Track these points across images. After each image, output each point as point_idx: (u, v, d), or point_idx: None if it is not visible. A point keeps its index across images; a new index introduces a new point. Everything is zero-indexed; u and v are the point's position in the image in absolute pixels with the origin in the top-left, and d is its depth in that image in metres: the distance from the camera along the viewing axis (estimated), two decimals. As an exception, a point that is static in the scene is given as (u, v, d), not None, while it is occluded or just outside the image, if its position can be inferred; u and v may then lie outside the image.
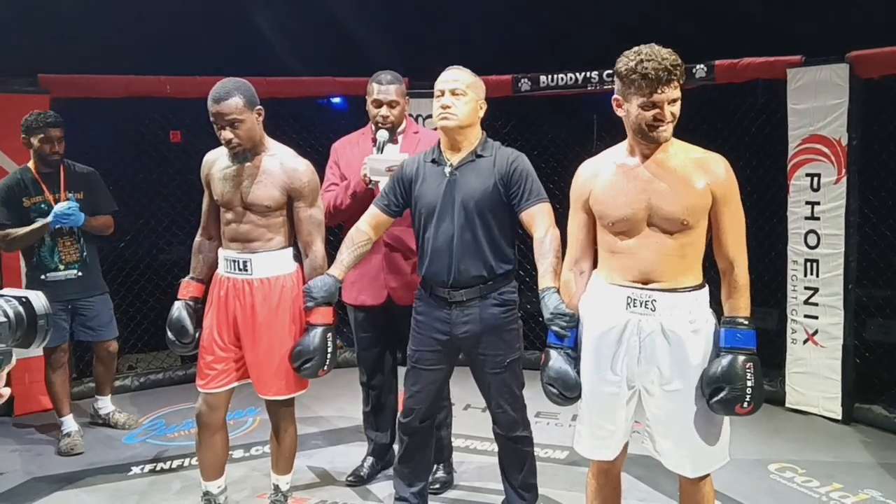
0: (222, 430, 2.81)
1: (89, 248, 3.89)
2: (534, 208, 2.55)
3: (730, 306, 2.18)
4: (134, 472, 3.54)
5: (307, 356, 2.61)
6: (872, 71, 3.83)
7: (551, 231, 2.48)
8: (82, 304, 3.87)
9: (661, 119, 2.05)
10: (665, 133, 2.08)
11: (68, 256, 3.80)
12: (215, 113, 2.58)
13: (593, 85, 4.55)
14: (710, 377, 2.11)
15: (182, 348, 2.83)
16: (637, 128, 2.10)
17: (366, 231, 2.69)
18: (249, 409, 4.23)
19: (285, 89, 4.77)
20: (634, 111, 2.08)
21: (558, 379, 2.23)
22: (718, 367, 2.10)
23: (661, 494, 3.19)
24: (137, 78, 4.53)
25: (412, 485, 2.86)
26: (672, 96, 2.05)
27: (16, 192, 3.69)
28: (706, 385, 2.12)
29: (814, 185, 4.02)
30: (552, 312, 2.26)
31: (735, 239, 2.16)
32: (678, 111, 2.09)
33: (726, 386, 2.07)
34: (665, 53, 2.03)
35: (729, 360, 2.10)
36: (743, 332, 2.13)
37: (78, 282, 3.84)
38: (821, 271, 4.03)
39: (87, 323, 3.91)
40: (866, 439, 3.84)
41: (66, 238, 3.78)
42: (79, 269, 3.83)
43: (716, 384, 2.09)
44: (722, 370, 2.09)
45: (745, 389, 2.07)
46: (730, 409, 2.10)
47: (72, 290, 3.81)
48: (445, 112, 2.56)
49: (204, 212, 2.88)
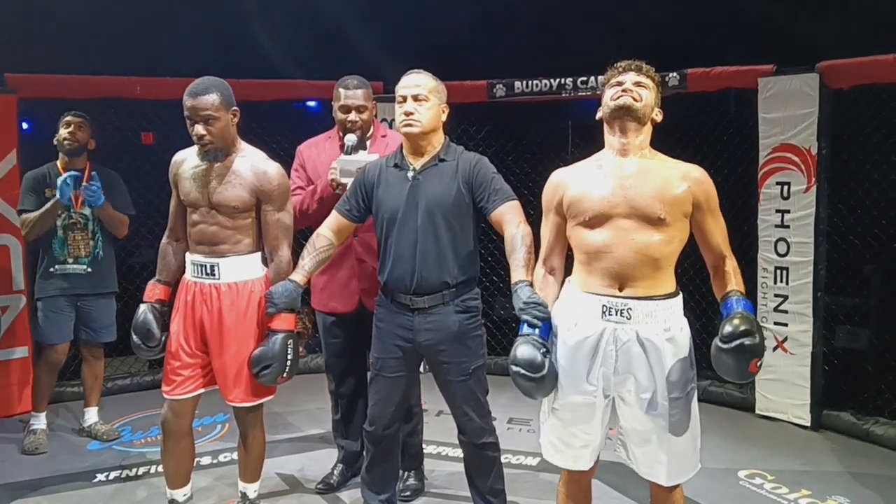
0: (188, 438, 2.77)
1: (105, 246, 3.90)
2: (503, 206, 2.52)
3: (723, 287, 2.16)
4: (98, 480, 3.48)
5: (266, 362, 2.56)
6: (842, 81, 3.88)
7: (522, 227, 2.43)
8: (88, 303, 3.87)
9: (625, 89, 2.14)
10: (627, 100, 2.13)
11: (77, 251, 3.81)
12: (190, 107, 2.54)
13: (568, 91, 4.56)
14: (731, 330, 2.00)
15: (147, 352, 2.78)
16: (607, 110, 2.18)
17: (327, 236, 2.66)
18: (218, 415, 4.18)
19: (259, 91, 4.73)
20: (604, 99, 2.20)
21: (523, 359, 2.12)
22: (741, 322, 2.01)
23: (632, 501, 3.19)
24: (107, 78, 4.47)
25: (380, 493, 2.83)
26: (636, 79, 2.17)
27: (41, 182, 3.78)
28: (725, 339, 2.00)
29: (784, 194, 4.06)
30: (525, 302, 2.16)
31: (723, 238, 2.21)
32: (647, 96, 2.16)
33: (753, 336, 1.99)
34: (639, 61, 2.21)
35: (749, 318, 2.03)
36: (744, 301, 2.10)
37: (86, 277, 3.84)
38: (790, 279, 4.07)
39: (89, 322, 3.90)
40: (835, 446, 3.88)
41: (77, 232, 3.81)
42: (88, 264, 3.83)
43: (740, 335, 1.99)
44: (744, 325, 2.00)
45: (763, 345, 2.02)
46: (746, 362, 2.00)
47: (79, 286, 3.83)
48: (409, 119, 2.55)
49: (171, 213, 2.83)
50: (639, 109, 2.14)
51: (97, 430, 4.00)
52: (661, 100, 2.25)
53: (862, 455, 3.76)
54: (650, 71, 2.21)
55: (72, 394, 4.53)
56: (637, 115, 2.15)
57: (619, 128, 2.17)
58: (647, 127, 2.20)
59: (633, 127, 2.16)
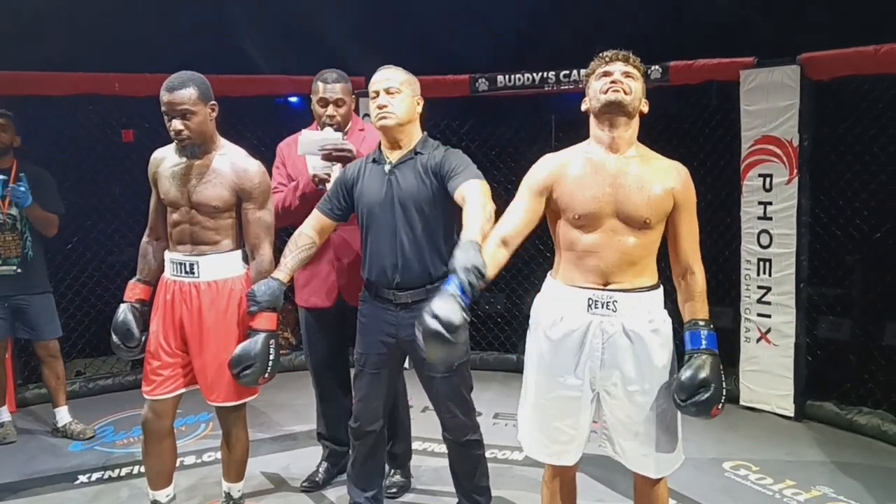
0: (170, 438, 2.73)
1: (34, 246, 3.82)
2: (467, 183, 2.36)
3: (690, 309, 2.18)
4: (80, 481, 3.44)
5: (248, 362, 2.50)
6: (823, 73, 3.89)
7: (487, 203, 2.24)
8: (21, 302, 3.81)
9: (614, 81, 2.10)
10: (619, 95, 2.09)
11: (6, 251, 3.73)
12: (167, 102, 2.50)
13: (550, 85, 4.55)
14: (689, 382, 2.06)
15: (127, 352, 2.74)
16: (596, 104, 2.14)
17: (309, 234, 2.64)
18: (202, 414, 4.14)
19: (240, 87, 4.68)
20: (592, 91, 2.15)
21: (445, 317, 1.87)
22: (698, 370, 2.06)
23: (617, 494, 3.19)
24: (85, 75, 4.41)
25: (366, 490, 2.82)
26: (625, 69, 2.13)
27: None
28: (682, 390, 2.07)
29: (766, 186, 4.07)
30: (473, 265, 1.93)
31: (693, 245, 2.19)
32: (636, 88, 2.13)
33: (709, 388, 2.04)
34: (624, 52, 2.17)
35: (709, 363, 2.07)
36: (708, 335, 2.13)
37: (17, 278, 3.76)
38: (773, 270, 4.09)
39: (28, 322, 3.85)
40: (818, 436, 3.91)
41: (7, 233, 3.72)
42: (18, 265, 3.76)
43: (696, 388, 2.05)
44: (702, 374, 2.05)
45: (721, 391, 2.07)
46: (707, 411, 2.07)
47: (9, 287, 3.76)
48: (383, 112, 2.53)
49: (151, 212, 2.79)
50: (629, 104, 2.11)
51: (72, 430, 3.96)
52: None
53: (845, 445, 3.79)
54: (636, 61, 2.17)
55: (41, 396, 4.43)
56: (627, 110, 2.12)
57: (608, 123, 2.14)
58: (635, 120, 2.17)
59: (622, 122, 2.14)
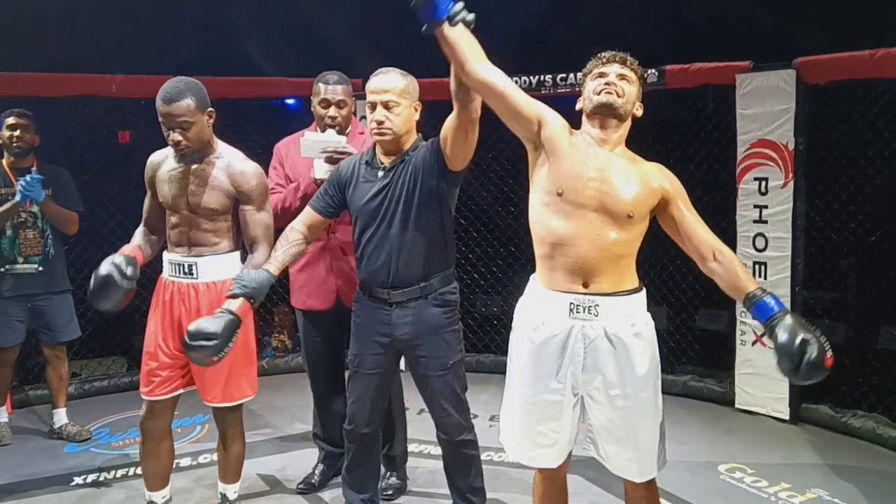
0: (167, 439, 2.74)
1: (56, 244, 3.83)
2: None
3: (739, 286, 2.08)
4: (76, 483, 3.43)
5: (210, 335, 2.28)
6: (819, 77, 3.91)
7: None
8: (42, 303, 3.81)
9: (608, 83, 2.12)
10: (611, 98, 2.11)
11: (28, 249, 3.74)
12: (165, 114, 2.49)
13: (547, 88, 4.56)
14: (789, 345, 1.91)
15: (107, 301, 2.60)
16: (589, 104, 2.15)
17: (300, 230, 2.63)
18: (198, 415, 4.14)
19: (237, 89, 4.69)
20: (586, 91, 2.17)
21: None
22: (792, 332, 1.92)
23: (612, 497, 3.19)
24: (82, 76, 4.41)
25: (361, 492, 2.82)
26: (620, 72, 2.14)
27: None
28: (785, 356, 1.92)
29: (762, 189, 4.09)
30: None
31: (705, 228, 2.16)
32: (630, 91, 2.14)
33: (809, 342, 1.90)
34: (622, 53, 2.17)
35: (793, 320, 1.96)
36: (772, 297, 2.02)
37: (39, 277, 3.77)
38: (769, 274, 4.10)
39: (47, 323, 3.85)
40: (813, 439, 3.92)
41: (28, 230, 3.75)
42: (40, 263, 3.77)
43: (800, 348, 1.90)
44: (798, 333, 1.91)
45: (822, 340, 1.92)
46: (822, 366, 1.90)
47: (32, 286, 3.76)
48: (381, 128, 2.53)
49: (145, 212, 2.80)
50: (620, 107, 2.13)
51: (68, 432, 3.95)
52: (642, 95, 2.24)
53: (840, 448, 3.80)
54: (634, 64, 2.17)
55: (38, 397, 4.46)
56: (618, 113, 2.13)
57: (599, 123, 2.16)
58: (626, 122, 2.19)
59: (613, 123, 2.15)
